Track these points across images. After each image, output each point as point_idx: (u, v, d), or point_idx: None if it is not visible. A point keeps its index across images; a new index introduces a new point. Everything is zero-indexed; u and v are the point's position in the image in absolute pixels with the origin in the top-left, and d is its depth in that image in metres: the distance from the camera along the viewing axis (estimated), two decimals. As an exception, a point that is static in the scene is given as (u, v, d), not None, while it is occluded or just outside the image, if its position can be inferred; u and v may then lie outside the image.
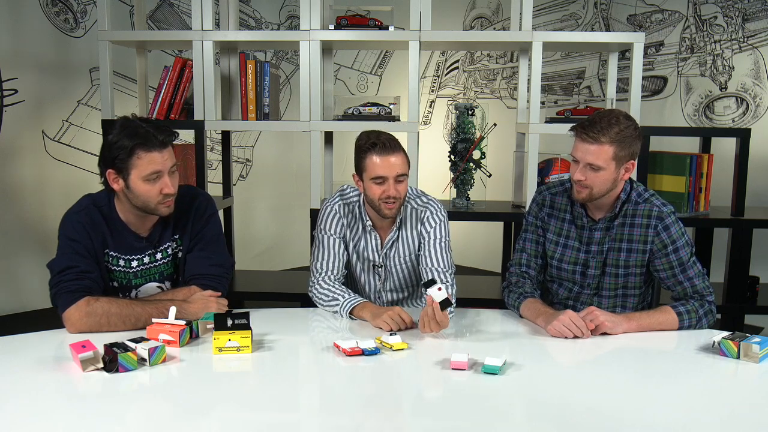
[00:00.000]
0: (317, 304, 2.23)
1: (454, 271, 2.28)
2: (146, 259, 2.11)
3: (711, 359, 1.81)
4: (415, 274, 2.36)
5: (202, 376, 1.70)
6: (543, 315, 2.03)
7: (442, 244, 2.27)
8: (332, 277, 2.25)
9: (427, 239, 2.27)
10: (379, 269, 2.33)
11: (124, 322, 1.93)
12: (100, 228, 2.04)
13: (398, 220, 2.28)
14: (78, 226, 2.01)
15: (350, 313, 2.11)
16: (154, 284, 2.14)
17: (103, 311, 1.91)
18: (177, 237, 2.14)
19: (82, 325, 1.91)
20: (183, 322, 1.86)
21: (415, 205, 2.30)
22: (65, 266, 1.96)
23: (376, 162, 2.12)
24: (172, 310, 1.90)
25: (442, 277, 2.23)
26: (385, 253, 2.31)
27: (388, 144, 2.12)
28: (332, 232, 2.27)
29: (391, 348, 1.83)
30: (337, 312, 2.16)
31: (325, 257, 2.26)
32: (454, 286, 2.24)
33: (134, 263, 2.09)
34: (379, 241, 2.30)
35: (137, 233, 2.09)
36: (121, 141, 1.93)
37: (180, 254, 2.16)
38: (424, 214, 2.29)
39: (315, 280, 2.25)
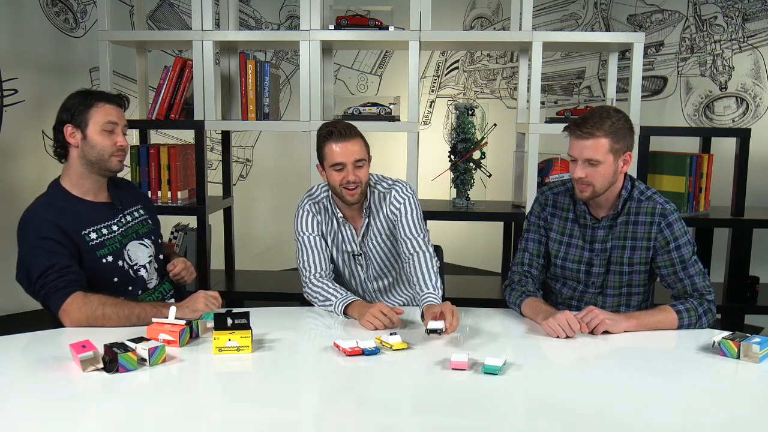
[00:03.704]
0: (314, 304, 2.25)
1: (428, 237, 2.30)
2: (124, 220, 2.18)
3: (711, 359, 1.81)
4: (394, 256, 2.38)
5: (202, 376, 1.70)
6: (543, 313, 2.04)
7: (414, 216, 2.28)
8: (322, 274, 2.27)
9: (398, 215, 2.29)
10: (359, 258, 2.36)
11: (119, 315, 1.95)
12: (67, 215, 2.04)
13: (365, 208, 2.30)
14: (43, 223, 2.00)
15: (344, 312, 2.13)
16: (136, 242, 2.19)
17: (98, 303, 1.94)
18: (140, 207, 2.27)
19: (80, 315, 1.92)
20: (183, 322, 1.86)
21: (382, 189, 2.33)
22: (45, 267, 1.95)
23: (335, 149, 2.17)
24: (172, 310, 1.90)
25: (420, 241, 2.24)
26: (361, 240, 2.33)
27: (344, 131, 2.17)
28: (310, 231, 2.31)
29: (391, 348, 1.83)
30: (332, 311, 2.17)
31: (310, 256, 2.29)
32: (432, 252, 2.24)
33: (114, 227, 2.13)
34: (354, 231, 2.33)
35: (100, 201, 2.14)
36: (78, 99, 2.10)
37: (150, 221, 2.28)
38: (390, 194, 2.31)
39: (306, 280, 2.28)
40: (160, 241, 2.32)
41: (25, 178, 4.43)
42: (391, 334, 1.88)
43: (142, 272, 2.18)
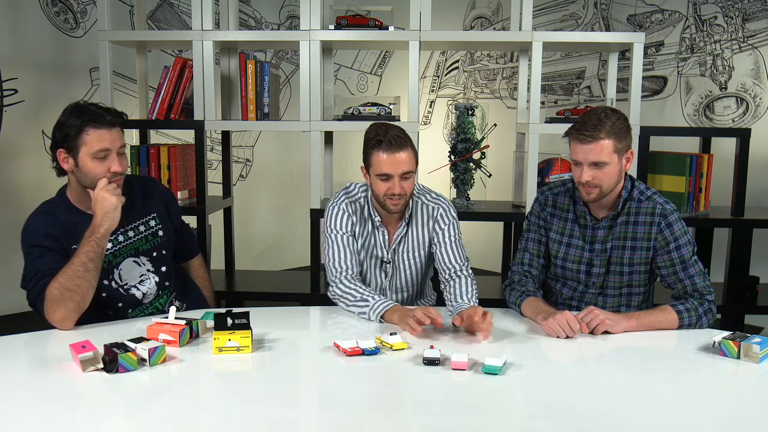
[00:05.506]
0: (339, 304, 2.19)
1: (469, 264, 2.32)
2: (120, 238, 2.12)
3: (711, 359, 1.81)
4: (422, 271, 2.36)
5: (202, 376, 1.70)
6: (543, 313, 2.04)
7: (456, 243, 2.30)
8: (353, 275, 2.21)
9: (440, 238, 2.28)
10: (387, 265, 2.33)
11: (76, 278, 1.91)
12: (63, 226, 2.03)
13: (407, 216, 2.27)
14: (36, 232, 2.01)
15: (381, 316, 2.07)
16: (131, 260, 2.14)
17: (58, 290, 1.90)
18: (154, 215, 2.21)
19: (60, 316, 1.91)
20: (183, 322, 1.86)
21: (426, 201, 2.30)
22: (31, 277, 1.97)
23: (383, 159, 2.11)
24: (172, 310, 1.91)
25: (463, 268, 2.27)
26: (394, 249, 2.31)
27: (394, 141, 2.10)
28: (344, 230, 2.25)
29: (391, 348, 1.83)
30: (364, 314, 2.10)
31: (341, 255, 2.23)
32: (472, 275, 2.28)
33: (108, 244, 2.07)
34: (387, 237, 2.30)
35: None
36: (71, 120, 2.00)
37: (161, 233, 2.21)
38: (437, 211, 2.29)
39: (336, 280, 2.20)
40: (164, 252, 2.23)
41: (25, 178, 4.43)
42: (391, 334, 1.88)
43: (134, 291, 2.14)
